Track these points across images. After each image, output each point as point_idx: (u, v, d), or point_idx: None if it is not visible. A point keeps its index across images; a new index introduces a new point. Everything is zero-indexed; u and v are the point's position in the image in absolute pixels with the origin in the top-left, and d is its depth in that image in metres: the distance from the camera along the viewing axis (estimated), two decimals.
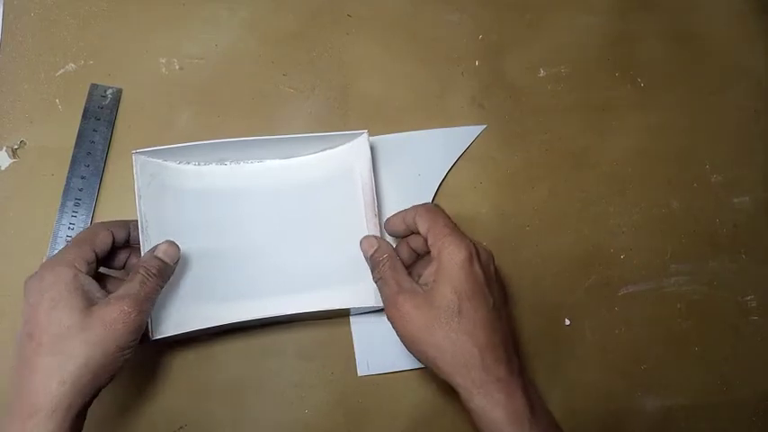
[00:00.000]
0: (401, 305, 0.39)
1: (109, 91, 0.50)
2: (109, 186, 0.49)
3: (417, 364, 0.49)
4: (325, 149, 0.48)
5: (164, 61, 0.51)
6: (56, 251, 0.46)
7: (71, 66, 0.50)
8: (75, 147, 0.48)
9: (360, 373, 0.49)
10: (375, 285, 0.43)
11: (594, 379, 0.52)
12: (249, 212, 0.47)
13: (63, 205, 0.47)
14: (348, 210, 0.47)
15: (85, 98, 0.49)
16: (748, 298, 0.55)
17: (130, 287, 0.38)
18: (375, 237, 0.44)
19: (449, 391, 0.49)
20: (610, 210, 0.54)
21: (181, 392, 0.47)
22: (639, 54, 0.57)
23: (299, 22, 0.53)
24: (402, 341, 0.40)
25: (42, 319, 0.36)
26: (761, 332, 0.54)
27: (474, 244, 0.40)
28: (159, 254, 0.41)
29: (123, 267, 0.44)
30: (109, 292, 0.38)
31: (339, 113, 0.52)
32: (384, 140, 0.51)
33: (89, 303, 0.36)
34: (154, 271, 0.39)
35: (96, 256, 0.39)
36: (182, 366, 0.47)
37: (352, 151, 0.47)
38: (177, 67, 0.51)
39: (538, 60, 0.55)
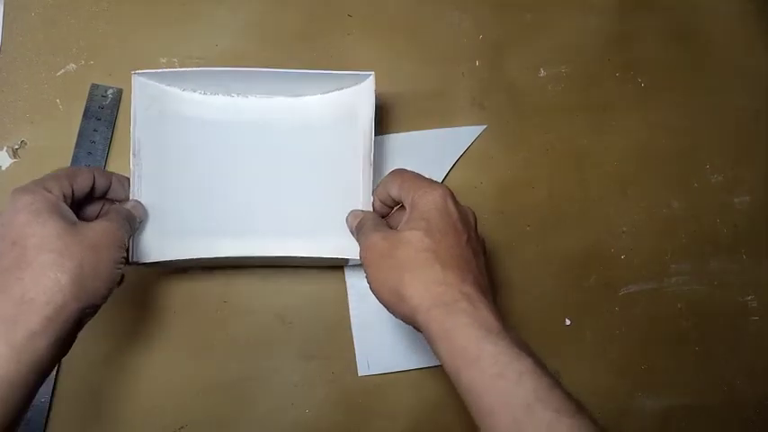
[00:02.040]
0: (370, 238, 0.38)
1: (109, 91, 0.50)
2: None
3: (417, 365, 0.49)
4: (332, 91, 0.47)
5: (164, 61, 0.51)
6: None
7: (71, 66, 0.50)
8: (76, 147, 0.48)
9: (360, 373, 0.49)
10: None
11: (595, 379, 0.52)
12: (248, 148, 0.46)
13: None
14: (348, 157, 0.46)
15: (86, 98, 0.49)
16: (748, 298, 0.55)
17: (108, 217, 0.38)
18: (361, 210, 0.44)
19: (448, 391, 0.49)
20: (610, 210, 0.54)
21: (181, 392, 0.47)
22: (639, 54, 0.57)
23: (300, 22, 0.53)
24: (369, 279, 0.38)
25: (26, 226, 0.34)
26: (761, 332, 0.54)
27: (450, 191, 0.39)
28: (129, 206, 0.41)
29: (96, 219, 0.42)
30: None
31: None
32: (384, 140, 0.51)
33: (71, 223, 0.35)
34: (123, 214, 0.39)
35: (73, 193, 0.38)
36: (182, 366, 0.47)
37: (358, 95, 0.46)
38: (177, 67, 0.51)
39: (538, 60, 0.55)
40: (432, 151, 0.52)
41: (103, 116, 0.49)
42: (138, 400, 0.46)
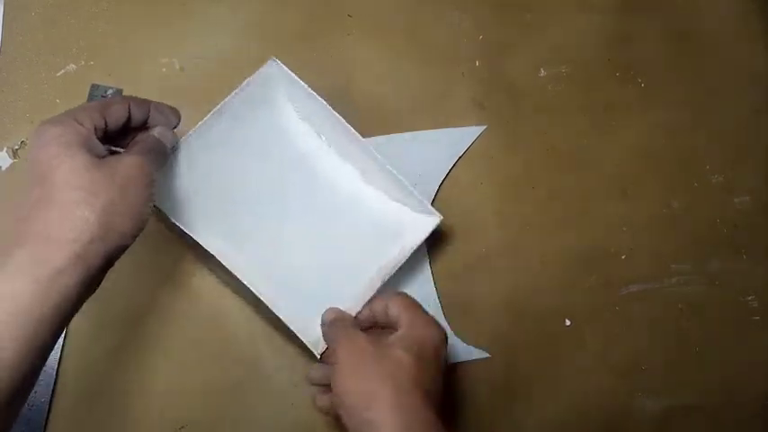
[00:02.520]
0: (357, 337, 0.39)
1: (109, 91, 0.50)
2: None
3: None
4: (396, 201, 0.48)
5: (164, 61, 0.51)
6: None
7: (71, 66, 0.50)
8: None
9: None
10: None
11: (595, 379, 0.52)
12: (301, 189, 0.48)
13: None
14: (370, 257, 0.47)
15: (86, 98, 0.49)
16: (749, 298, 0.55)
17: (136, 149, 0.36)
18: (341, 310, 0.43)
19: (448, 391, 0.49)
20: (610, 210, 0.54)
21: (181, 392, 0.47)
22: (639, 54, 0.57)
23: (300, 22, 0.53)
24: (338, 373, 0.38)
25: (55, 160, 0.32)
26: (761, 332, 0.54)
27: (444, 333, 0.41)
28: (156, 133, 0.39)
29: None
30: None
31: (339, 113, 0.52)
32: (385, 141, 0.51)
33: (102, 159, 0.34)
34: (151, 144, 0.38)
35: (106, 125, 0.36)
36: (182, 366, 0.47)
37: (414, 224, 0.47)
38: (178, 67, 0.51)
39: (538, 60, 0.55)
40: (432, 152, 0.52)
41: None
42: (139, 400, 0.46)
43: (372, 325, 0.44)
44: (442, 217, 0.46)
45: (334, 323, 0.42)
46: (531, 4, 0.56)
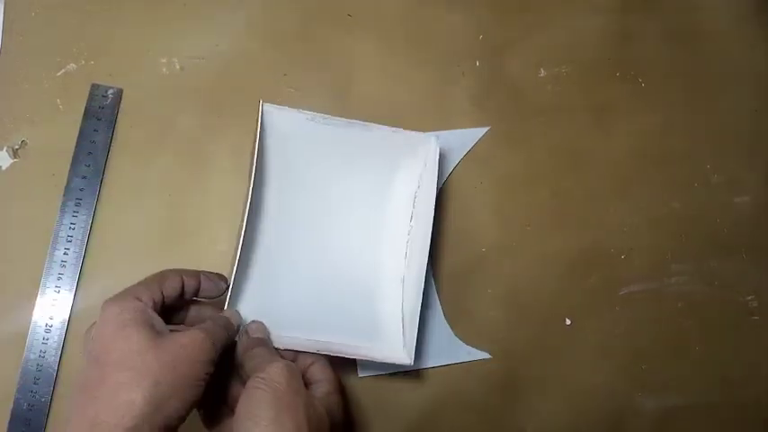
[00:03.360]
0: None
1: (110, 91, 0.50)
2: (110, 186, 0.49)
3: (416, 365, 0.49)
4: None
5: (164, 61, 0.51)
6: (56, 251, 0.47)
7: (72, 66, 0.50)
8: (76, 147, 0.48)
9: (360, 374, 0.49)
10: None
11: (594, 379, 0.52)
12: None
13: (64, 205, 0.48)
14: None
15: (86, 98, 0.49)
16: (749, 298, 0.55)
17: (201, 326, 0.37)
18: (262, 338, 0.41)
19: (447, 392, 0.49)
20: (610, 210, 0.54)
21: None
22: (639, 54, 0.57)
23: (300, 22, 0.53)
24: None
25: (110, 340, 0.33)
26: (761, 332, 0.54)
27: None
28: (226, 314, 0.40)
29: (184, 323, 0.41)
30: None
31: (339, 113, 0.52)
32: None
33: (158, 333, 0.34)
34: (221, 323, 0.38)
35: (163, 298, 0.37)
36: None
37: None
38: (178, 67, 0.51)
39: (538, 60, 0.55)
40: None
41: (103, 116, 0.49)
42: None
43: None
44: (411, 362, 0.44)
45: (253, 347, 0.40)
46: (531, 4, 0.56)
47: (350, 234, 0.48)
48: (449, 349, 0.50)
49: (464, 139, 0.53)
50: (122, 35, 0.51)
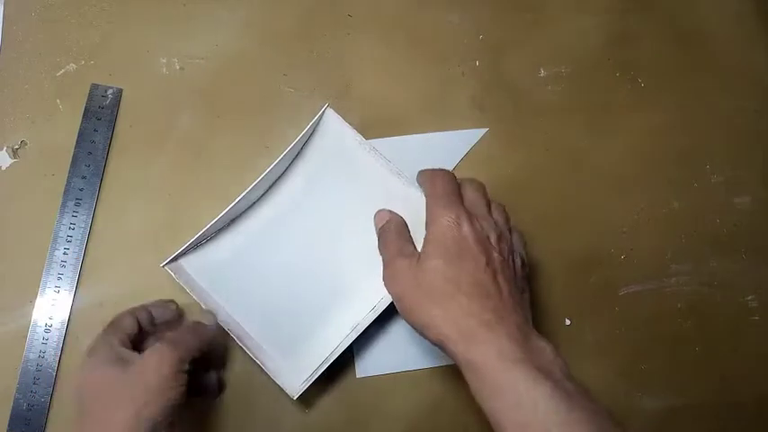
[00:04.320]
0: (394, 266, 0.39)
1: (109, 91, 0.50)
2: (109, 186, 0.49)
3: (415, 366, 0.49)
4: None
5: (164, 61, 0.51)
6: (56, 251, 0.47)
7: (72, 66, 0.50)
8: (76, 146, 0.48)
9: (358, 375, 0.49)
10: None
11: (594, 379, 0.51)
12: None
13: (63, 205, 0.48)
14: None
15: (86, 98, 0.49)
16: (749, 298, 0.54)
17: (163, 339, 0.40)
18: (387, 210, 0.44)
19: (447, 392, 0.49)
20: (610, 210, 0.54)
21: None
22: (639, 54, 0.57)
23: (300, 22, 0.53)
24: (398, 306, 0.39)
25: (88, 381, 0.38)
26: (761, 332, 0.54)
27: (467, 211, 0.39)
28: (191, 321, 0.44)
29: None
30: None
31: (339, 113, 0.52)
32: (385, 143, 0.51)
33: (126, 362, 0.38)
34: (185, 328, 0.42)
35: (128, 337, 0.41)
36: None
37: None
38: (178, 67, 0.51)
39: (538, 60, 0.55)
40: (433, 154, 0.52)
41: (103, 116, 0.49)
42: None
43: None
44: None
45: (380, 234, 0.43)
46: (531, 4, 0.56)
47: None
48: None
49: (464, 139, 0.53)
50: (122, 35, 0.51)
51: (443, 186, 0.41)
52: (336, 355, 0.43)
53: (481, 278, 0.37)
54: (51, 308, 0.46)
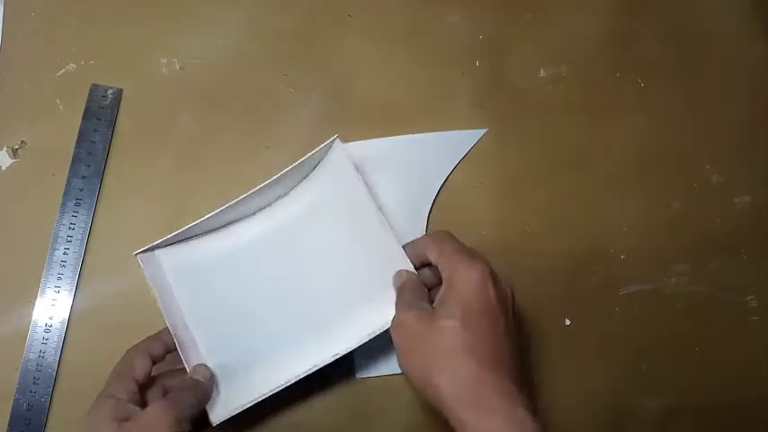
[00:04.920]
0: (403, 316, 0.38)
1: (109, 91, 0.50)
2: (109, 186, 0.49)
3: None
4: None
5: (164, 61, 0.51)
6: (56, 251, 0.47)
7: (72, 66, 0.50)
8: (76, 146, 0.48)
9: (358, 376, 0.49)
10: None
11: (594, 379, 0.52)
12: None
13: (64, 205, 0.48)
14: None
15: (86, 98, 0.49)
16: (749, 298, 0.55)
17: (165, 397, 0.39)
18: (405, 270, 0.41)
19: None
20: (610, 210, 0.54)
21: None
22: (639, 54, 0.57)
23: (300, 22, 0.53)
24: (398, 357, 0.38)
25: None
26: (761, 332, 0.54)
27: (490, 268, 0.38)
28: (193, 374, 0.42)
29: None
30: None
31: (339, 113, 0.52)
32: (385, 143, 0.51)
33: (125, 420, 0.37)
34: (185, 386, 0.40)
35: (137, 383, 0.39)
36: None
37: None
38: (178, 67, 0.51)
39: (538, 60, 0.55)
40: (432, 154, 0.52)
41: (103, 116, 0.49)
42: None
43: (424, 266, 0.42)
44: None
45: (398, 295, 0.40)
46: (531, 4, 0.56)
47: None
48: None
49: (464, 139, 0.53)
50: (122, 35, 0.51)
51: (455, 244, 0.40)
52: (271, 393, 0.42)
53: (499, 343, 0.36)
54: (51, 308, 0.46)
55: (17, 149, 0.49)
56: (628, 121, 0.56)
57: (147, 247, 0.43)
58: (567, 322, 0.52)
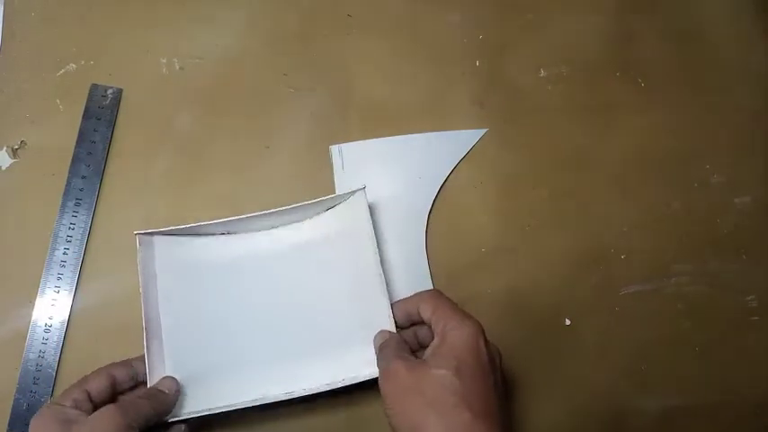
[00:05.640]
0: (395, 364, 0.37)
1: (109, 91, 0.50)
2: (109, 186, 0.49)
3: None
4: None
5: (164, 61, 0.51)
6: (56, 251, 0.47)
7: (72, 66, 0.50)
8: (76, 146, 0.48)
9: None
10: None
11: (594, 379, 0.52)
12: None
13: (63, 205, 0.48)
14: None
15: (86, 98, 0.49)
16: (749, 298, 0.54)
17: (116, 402, 0.38)
18: (389, 331, 0.42)
19: None
20: (610, 210, 0.54)
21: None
22: (639, 54, 0.57)
23: (300, 22, 0.53)
24: (386, 406, 0.37)
25: None
26: (761, 332, 0.54)
27: (482, 327, 0.39)
28: (158, 385, 0.41)
29: None
30: None
31: (339, 113, 0.52)
32: (385, 143, 0.51)
33: (70, 423, 0.36)
34: (142, 394, 0.39)
35: (89, 396, 0.38)
36: None
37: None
38: (178, 67, 0.51)
39: (538, 60, 0.55)
40: (432, 155, 0.52)
41: (103, 116, 0.49)
42: None
43: (414, 323, 0.42)
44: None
45: (380, 351, 0.41)
46: (531, 4, 0.56)
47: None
48: None
49: (464, 139, 0.53)
50: (122, 35, 0.51)
51: (449, 302, 0.40)
52: (221, 410, 0.41)
53: (490, 397, 0.36)
54: (51, 308, 0.46)
55: (17, 149, 0.49)
56: (628, 121, 0.56)
57: (148, 231, 0.43)
58: (567, 322, 0.52)
